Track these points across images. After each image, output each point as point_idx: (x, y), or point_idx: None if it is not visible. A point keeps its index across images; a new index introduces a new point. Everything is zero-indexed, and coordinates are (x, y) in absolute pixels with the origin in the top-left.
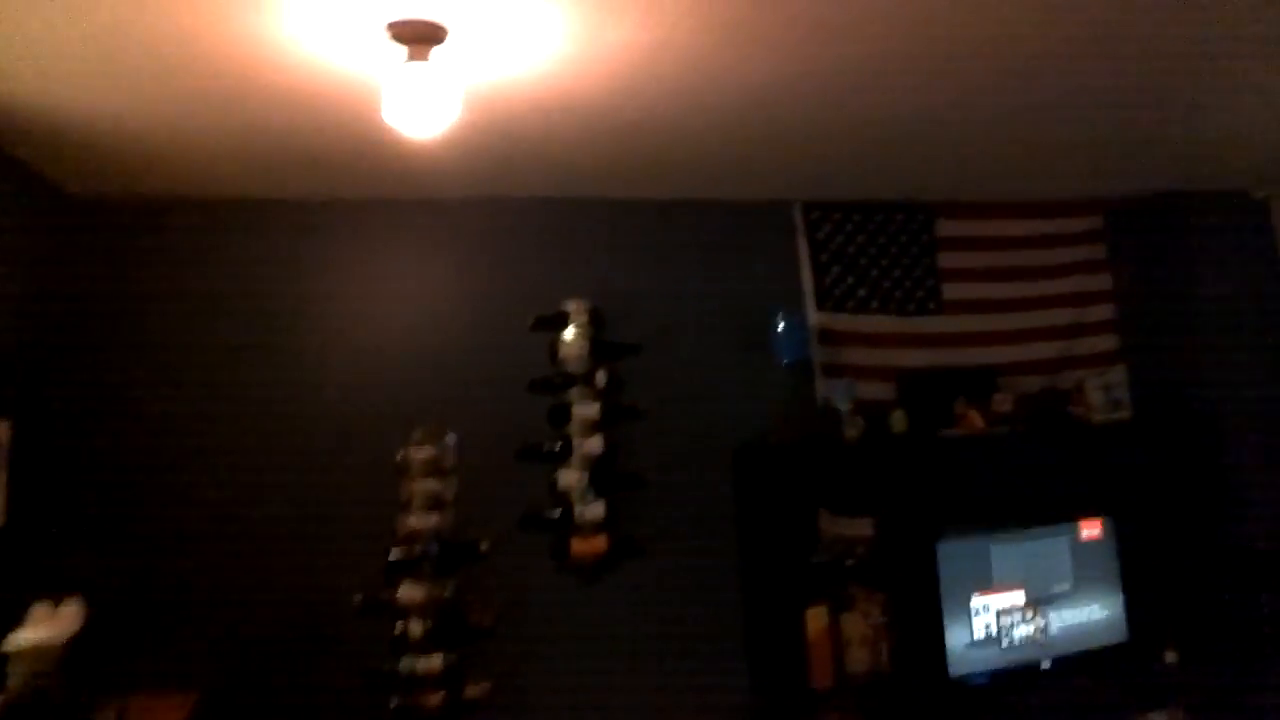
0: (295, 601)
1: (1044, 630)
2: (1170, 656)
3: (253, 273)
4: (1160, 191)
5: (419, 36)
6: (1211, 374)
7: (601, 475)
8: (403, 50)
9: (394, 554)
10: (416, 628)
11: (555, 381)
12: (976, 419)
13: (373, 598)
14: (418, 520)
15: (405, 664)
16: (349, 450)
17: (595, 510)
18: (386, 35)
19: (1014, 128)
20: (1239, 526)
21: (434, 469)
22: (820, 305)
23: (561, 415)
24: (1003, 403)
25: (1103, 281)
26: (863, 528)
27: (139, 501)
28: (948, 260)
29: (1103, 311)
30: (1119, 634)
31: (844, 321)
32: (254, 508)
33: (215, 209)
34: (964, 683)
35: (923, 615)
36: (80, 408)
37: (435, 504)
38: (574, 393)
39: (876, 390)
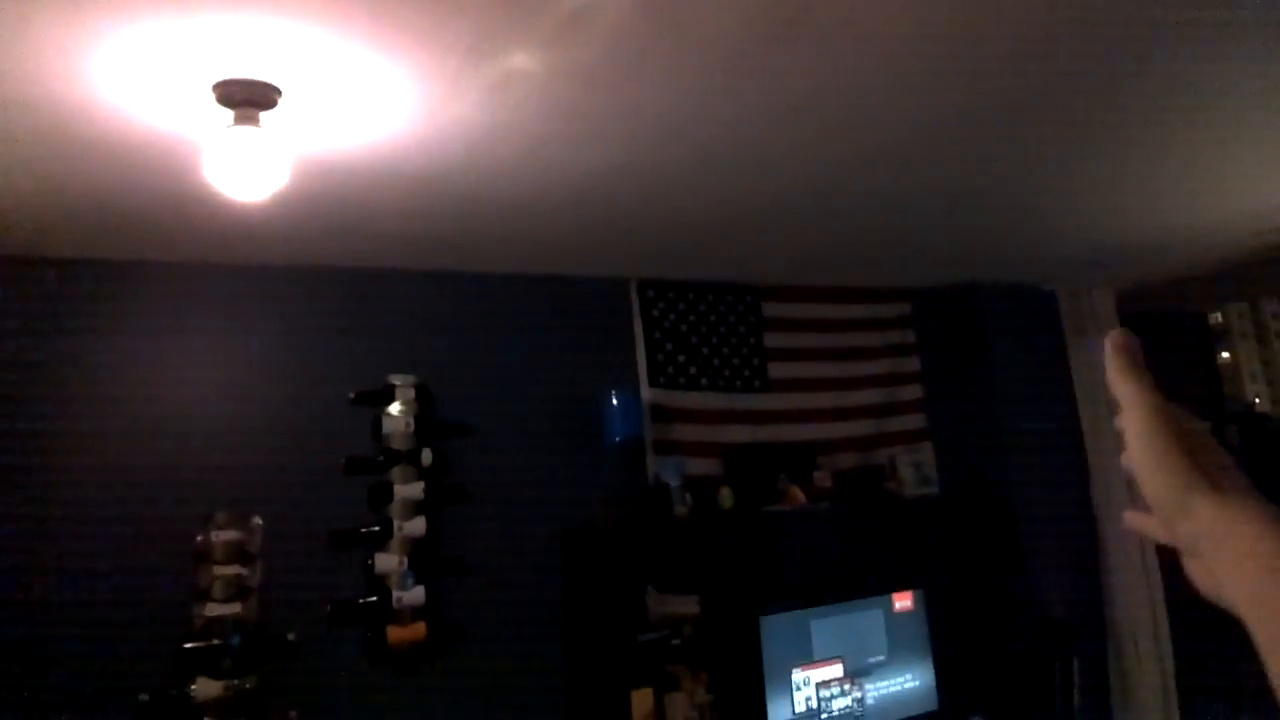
0: (71, 702)
1: (861, 701)
2: None
3: (37, 337)
4: (962, 283)
5: (248, 99)
6: (1007, 453)
7: (423, 559)
8: (228, 113)
9: (189, 645)
10: None
11: (377, 460)
12: (798, 494)
13: (161, 695)
14: (218, 609)
15: None
16: (141, 534)
17: (415, 595)
18: (212, 97)
19: (829, 223)
20: (1034, 596)
21: (238, 554)
22: (653, 382)
23: (382, 495)
24: (822, 479)
25: (912, 364)
26: (689, 605)
27: None
28: (773, 340)
29: (912, 391)
30: (930, 702)
31: (676, 398)
32: (27, 599)
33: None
34: None
35: (746, 691)
36: None
37: (238, 592)
38: (396, 472)
39: (705, 466)
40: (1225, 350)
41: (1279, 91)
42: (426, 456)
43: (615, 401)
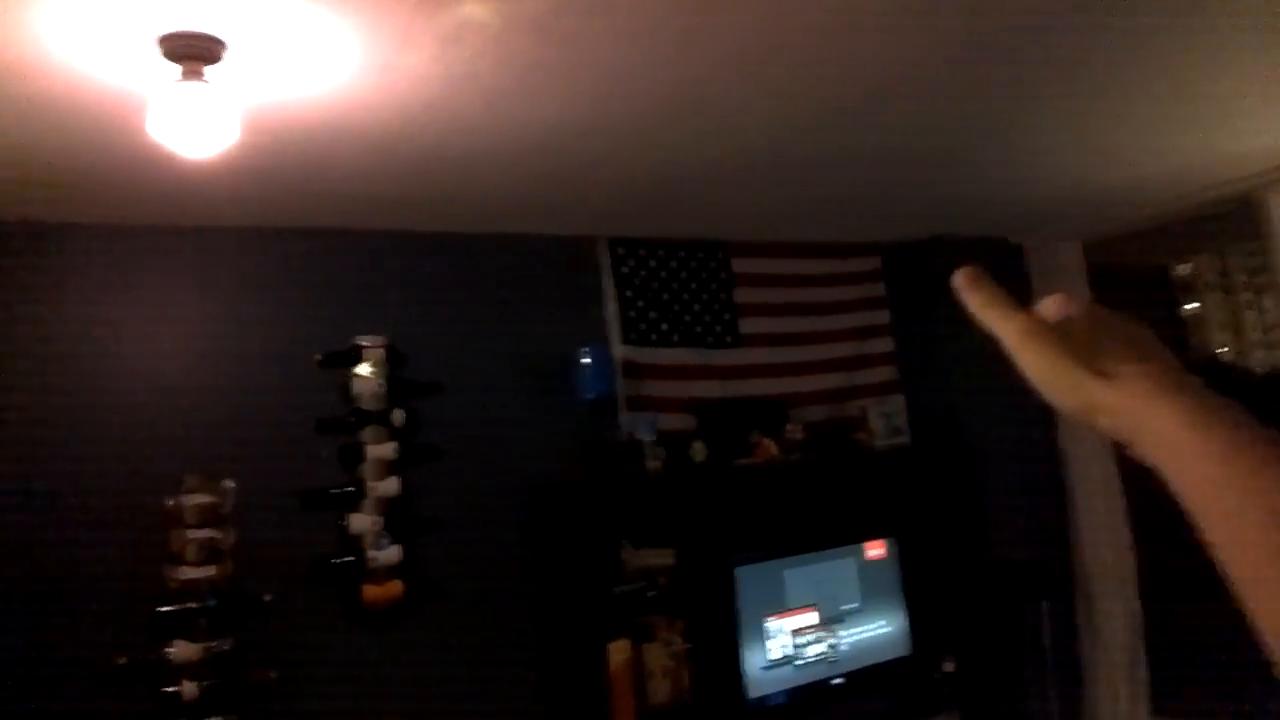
0: (46, 665)
1: (835, 647)
2: (948, 666)
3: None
4: (931, 236)
5: (194, 53)
6: (976, 403)
7: (397, 518)
8: (175, 68)
9: (164, 609)
10: (191, 689)
11: (348, 421)
12: (770, 448)
13: (139, 658)
14: (191, 572)
15: None
16: (112, 500)
17: (390, 554)
18: (158, 51)
19: (796, 175)
20: (1002, 543)
21: (210, 517)
22: (625, 339)
23: (354, 456)
24: (794, 432)
25: (882, 317)
26: (664, 558)
27: None
28: (744, 295)
29: (882, 344)
30: (903, 648)
31: (647, 355)
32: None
33: None
34: (762, 704)
35: (721, 639)
36: None
37: (211, 554)
38: (368, 432)
39: (678, 422)
40: (1193, 301)
41: (1243, 38)
42: (398, 416)
43: (587, 359)
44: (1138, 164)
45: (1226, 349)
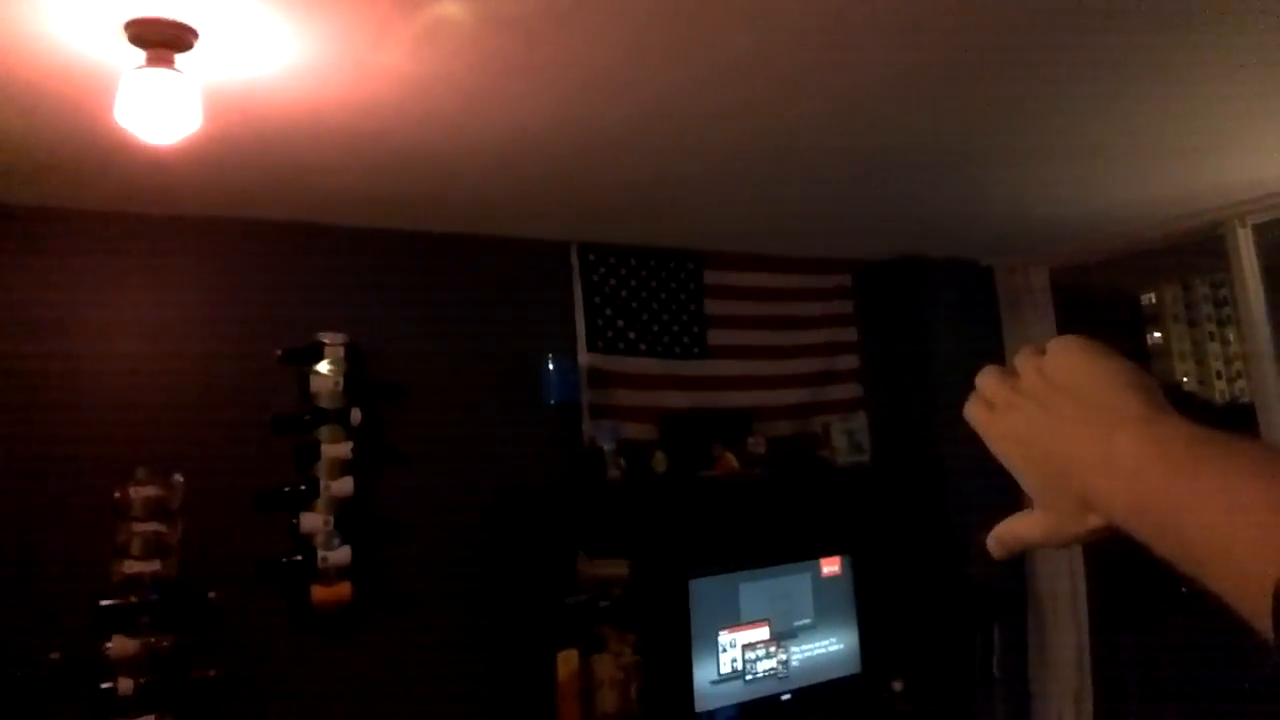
0: None
1: (785, 664)
2: (897, 685)
3: None
4: (902, 255)
5: (162, 39)
6: (940, 425)
7: (350, 519)
8: (140, 54)
9: (106, 603)
10: (127, 684)
11: (304, 419)
12: (732, 461)
13: (74, 654)
14: (136, 566)
15: None
16: (58, 489)
17: (340, 555)
18: (124, 36)
19: (769, 190)
20: (961, 564)
21: (158, 510)
22: (591, 346)
23: (309, 454)
24: (756, 445)
25: (849, 334)
26: (619, 568)
27: None
28: (714, 307)
29: (848, 361)
30: (853, 666)
31: (613, 363)
32: None
33: None
34: (711, 718)
35: (673, 652)
36: None
37: (158, 549)
38: (324, 431)
39: (640, 431)
40: (1157, 331)
41: (1220, 68)
42: (355, 416)
43: (551, 365)
44: (1110, 192)
45: (1188, 379)
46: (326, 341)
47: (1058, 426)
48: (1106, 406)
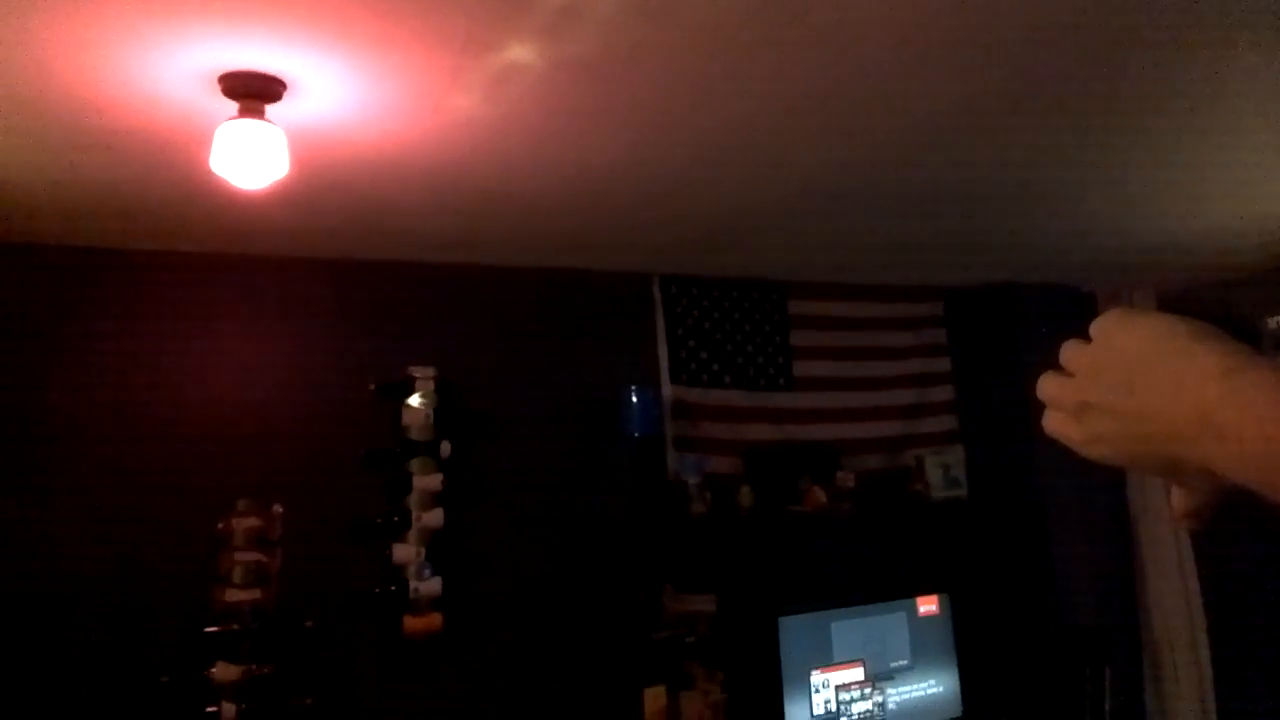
0: (94, 678)
1: (882, 706)
2: None
3: (64, 323)
4: (996, 282)
5: (253, 92)
6: (1040, 458)
7: (441, 551)
8: (233, 105)
9: (209, 629)
10: (230, 709)
11: (395, 451)
12: (820, 495)
13: (182, 677)
14: (237, 594)
15: None
16: (165, 521)
17: (431, 586)
18: (218, 89)
19: (851, 221)
20: (1065, 604)
21: (258, 540)
22: (674, 379)
23: (401, 486)
24: (845, 480)
25: (942, 364)
26: (705, 604)
27: None
28: (800, 338)
29: (942, 393)
30: (954, 708)
31: (697, 395)
32: (52, 582)
33: (26, 255)
34: None
35: (763, 692)
36: None
37: (258, 578)
38: (415, 463)
39: (725, 465)
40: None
41: None
42: (445, 448)
43: (634, 398)
44: (1219, 211)
45: None
46: (417, 375)
47: (1140, 410)
48: (1179, 371)
